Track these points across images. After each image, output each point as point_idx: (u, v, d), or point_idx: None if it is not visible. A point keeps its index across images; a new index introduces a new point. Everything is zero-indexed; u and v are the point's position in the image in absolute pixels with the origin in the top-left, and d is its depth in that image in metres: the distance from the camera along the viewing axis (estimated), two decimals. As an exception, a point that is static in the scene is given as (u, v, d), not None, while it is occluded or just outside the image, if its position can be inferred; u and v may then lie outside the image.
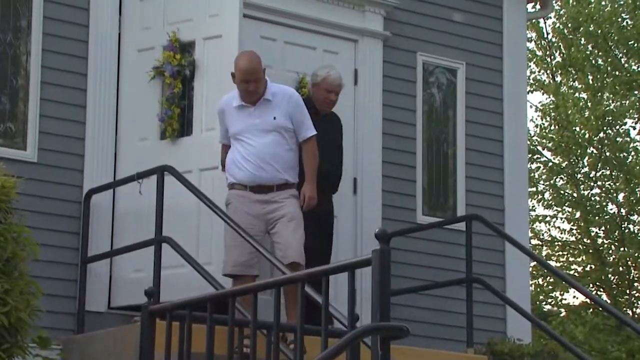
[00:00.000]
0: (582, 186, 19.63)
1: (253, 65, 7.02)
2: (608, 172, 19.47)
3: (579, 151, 19.58)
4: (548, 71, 20.53)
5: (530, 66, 19.87)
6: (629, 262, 18.72)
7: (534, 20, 18.75)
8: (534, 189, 19.81)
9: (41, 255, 6.17)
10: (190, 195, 7.03)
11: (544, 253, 19.93)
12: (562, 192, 19.90)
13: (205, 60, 7.88)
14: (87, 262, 7.62)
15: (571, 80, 20.16)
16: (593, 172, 19.61)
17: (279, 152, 7.04)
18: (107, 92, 7.96)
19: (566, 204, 19.75)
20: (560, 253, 20.19)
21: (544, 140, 20.32)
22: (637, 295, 19.05)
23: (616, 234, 18.79)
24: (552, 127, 20.26)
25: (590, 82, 19.64)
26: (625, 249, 18.30)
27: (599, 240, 19.34)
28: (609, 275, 18.75)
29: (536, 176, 20.02)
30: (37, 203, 7.50)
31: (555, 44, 20.32)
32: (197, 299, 5.56)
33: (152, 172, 7.31)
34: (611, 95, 19.52)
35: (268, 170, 7.00)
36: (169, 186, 7.21)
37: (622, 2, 19.32)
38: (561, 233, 20.22)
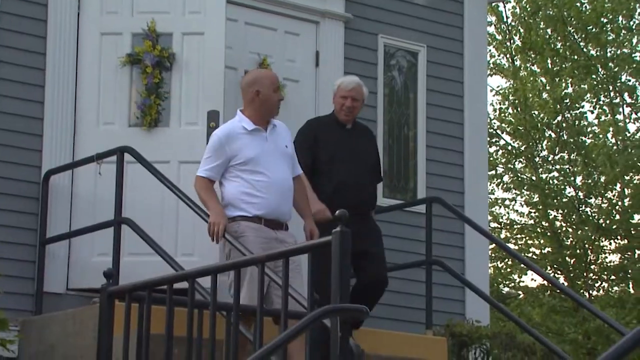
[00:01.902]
0: (540, 169, 19.73)
1: (274, 73, 6.71)
2: (566, 156, 19.58)
3: (538, 135, 19.67)
4: (507, 55, 20.59)
5: (489, 50, 19.92)
6: (586, 245, 18.86)
7: (493, 4, 18.82)
8: (493, 172, 19.90)
9: (-1, 236, 6.11)
10: (155, 182, 6.98)
11: (502, 236, 20.03)
12: (520, 175, 20.00)
13: (184, 54, 7.95)
14: (45, 244, 7.56)
15: (530, 64, 20.24)
16: (551, 156, 19.72)
17: (291, 186, 6.33)
18: (66, 73, 7.88)
19: (525, 187, 19.85)
20: (519, 236, 20.31)
21: (503, 124, 20.40)
22: (594, 277, 19.21)
23: (574, 217, 18.92)
24: (511, 111, 20.34)
25: (549, 66, 19.73)
26: (583, 231, 18.43)
27: (557, 223, 19.47)
28: (567, 258, 18.88)
29: (495, 159, 20.09)
30: (-6, 183, 7.44)
31: (515, 28, 20.39)
32: (157, 280, 5.52)
33: (111, 152, 7.25)
34: (569, 79, 19.62)
35: (287, 204, 6.23)
36: (134, 174, 7.20)
37: (581, -13, 19.40)
38: (520, 216, 20.34)
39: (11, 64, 7.71)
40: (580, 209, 18.95)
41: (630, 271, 18.38)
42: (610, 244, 19.11)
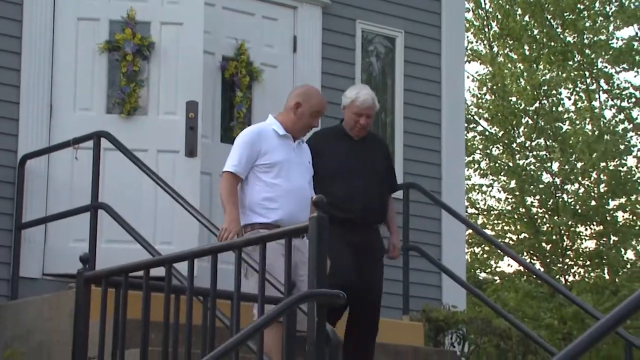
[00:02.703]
0: (517, 155, 19.78)
1: (325, 102, 6.41)
2: (543, 142, 19.64)
3: (515, 121, 19.71)
4: (485, 41, 20.61)
5: (467, 36, 19.93)
6: (563, 231, 18.95)
7: (472, -10, 18.81)
8: (471, 158, 19.94)
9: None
10: (133, 170, 6.97)
11: (479, 222, 20.09)
12: (497, 161, 20.05)
13: (162, 44, 7.95)
14: (21, 228, 7.53)
15: (508, 50, 20.26)
16: (528, 142, 19.77)
17: (309, 196, 6.13)
18: (42, 57, 7.84)
19: (502, 173, 19.90)
20: (496, 222, 20.37)
21: (481, 110, 20.43)
22: (569, 263, 19.30)
23: (550, 203, 18.98)
24: (489, 97, 20.37)
25: (527, 52, 19.77)
26: (559, 218, 18.50)
27: (534, 210, 19.54)
28: (543, 244, 18.96)
29: (472, 145, 20.14)
30: (-30, 168, 7.40)
31: (492, 14, 20.40)
32: (133, 265, 5.50)
33: (88, 137, 7.23)
34: (547, 66, 19.66)
35: (305, 213, 5.95)
36: (111, 161, 7.18)
37: (558, -26, 19.42)
38: (497, 202, 20.40)
39: (-13, 47, 7.67)
40: (557, 195, 19.01)
41: (605, 257, 18.47)
42: (586, 230, 19.21)
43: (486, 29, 20.49)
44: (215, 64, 8.46)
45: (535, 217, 19.34)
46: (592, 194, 19.02)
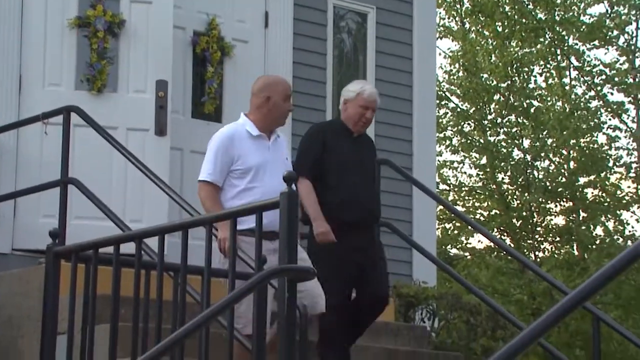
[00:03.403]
0: (488, 132, 19.84)
1: (289, 83, 6.25)
2: (514, 119, 19.70)
3: (486, 97, 19.75)
4: (457, 18, 20.62)
5: (439, 13, 19.94)
6: (533, 208, 19.05)
7: (444, -33, 18.81)
8: (442, 134, 19.99)
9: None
10: (102, 148, 6.93)
11: (450, 198, 20.17)
12: (469, 137, 20.10)
13: (132, 21, 7.93)
14: (-10, 203, 7.49)
15: (479, 27, 20.28)
16: (499, 119, 19.82)
17: None
18: (10, 31, 7.79)
19: (473, 150, 19.96)
20: (467, 198, 20.45)
21: (452, 87, 20.47)
22: (539, 239, 19.41)
23: (521, 179, 19.06)
24: (460, 74, 20.40)
25: (499, 29, 19.79)
26: (530, 194, 18.59)
27: (504, 186, 19.62)
28: (513, 220, 19.05)
29: (444, 122, 20.18)
30: (-62, 143, 7.34)
31: (465, -9, 20.41)
32: (103, 240, 5.49)
33: (57, 112, 7.18)
34: (519, 43, 19.70)
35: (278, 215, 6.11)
36: (81, 138, 7.14)
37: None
38: (468, 178, 20.48)
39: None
40: (528, 172, 19.09)
41: (575, 234, 18.59)
42: (556, 206, 19.32)
43: (458, 6, 20.49)
44: (186, 39, 8.43)
45: (506, 193, 19.43)
46: (563, 170, 19.11)
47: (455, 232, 19.97)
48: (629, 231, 18.79)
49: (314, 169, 6.40)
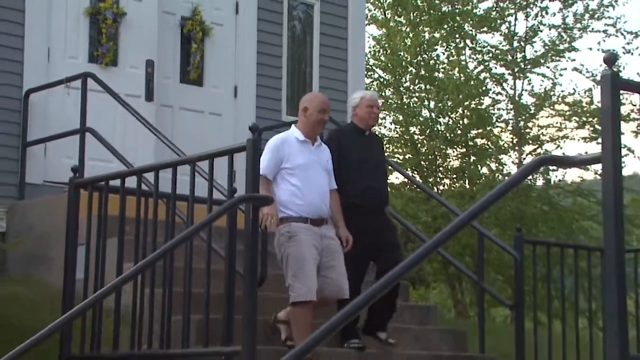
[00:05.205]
0: (404, 96, 19.87)
1: (326, 99, 5.83)
2: (423, 86, 19.74)
3: (402, 70, 19.75)
4: (381, 9, 20.54)
5: (367, 5, 19.81)
6: (436, 153, 19.18)
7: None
8: (369, 97, 19.87)
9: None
10: (110, 105, 6.87)
11: (375, 145, 20.12)
12: (389, 100, 20.11)
13: (129, 13, 7.90)
14: (27, 146, 7.41)
15: (397, 16, 20.23)
16: (412, 86, 19.85)
17: (327, 191, 5.71)
18: (41, 15, 7.65)
19: (392, 110, 19.99)
20: (387, 146, 20.51)
21: (377, 62, 20.42)
22: (441, 177, 19.56)
23: (428, 131, 19.15)
24: (383, 52, 20.35)
25: (412, 18, 19.75)
26: (434, 142, 18.72)
27: (415, 136, 19.70)
28: (422, 162, 19.17)
29: (371, 88, 20.14)
30: (-15, 100, 7.21)
31: (387, -12, 20.26)
32: (113, 174, 5.47)
33: (77, 77, 7.11)
34: (427, 29, 19.69)
35: (326, 204, 5.61)
36: (94, 101, 7.07)
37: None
38: (388, 131, 20.53)
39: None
40: (433, 125, 19.17)
41: (467, 172, 18.75)
42: (453, 152, 19.44)
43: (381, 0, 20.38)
44: (175, 23, 8.34)
45: (417, 142, 19.50)
46: (459, 125, 19.21)
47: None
48: (506, 170, 18.98)
49: (334, 166, 5.89)
